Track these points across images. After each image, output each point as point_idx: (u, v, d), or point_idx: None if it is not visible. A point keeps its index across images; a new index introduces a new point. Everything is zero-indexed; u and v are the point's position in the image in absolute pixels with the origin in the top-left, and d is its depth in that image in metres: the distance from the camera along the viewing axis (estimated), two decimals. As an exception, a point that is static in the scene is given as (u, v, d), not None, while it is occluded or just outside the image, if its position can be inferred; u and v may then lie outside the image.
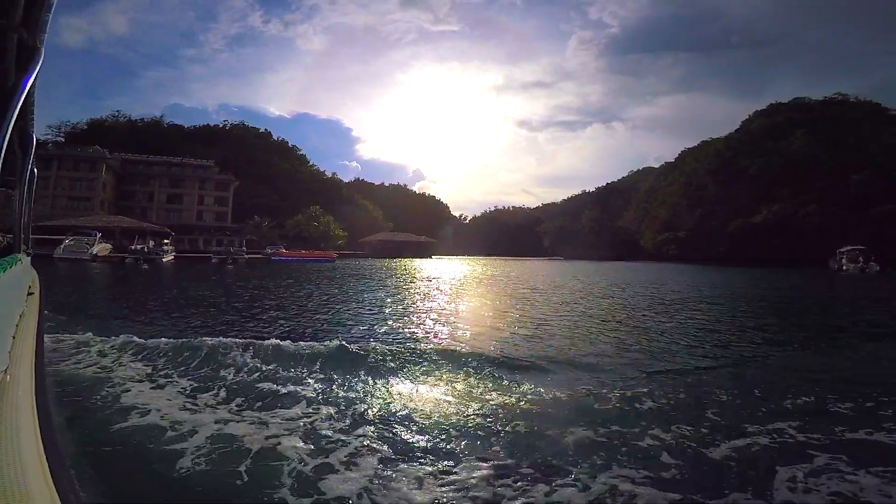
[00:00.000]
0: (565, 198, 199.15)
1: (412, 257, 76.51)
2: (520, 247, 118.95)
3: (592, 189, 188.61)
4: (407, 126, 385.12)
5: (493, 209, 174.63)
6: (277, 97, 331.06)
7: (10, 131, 1.82)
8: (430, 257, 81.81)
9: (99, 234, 42.03)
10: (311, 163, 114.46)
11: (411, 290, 19.93)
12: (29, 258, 5.03)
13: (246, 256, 44.37)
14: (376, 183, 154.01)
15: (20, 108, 1.87)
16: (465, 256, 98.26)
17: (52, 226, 46.10)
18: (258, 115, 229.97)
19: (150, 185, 72.16)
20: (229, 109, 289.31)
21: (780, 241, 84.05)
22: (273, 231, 72.12)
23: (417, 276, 31.00)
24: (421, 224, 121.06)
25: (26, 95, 1.90)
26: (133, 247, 39.88)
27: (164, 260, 39.22)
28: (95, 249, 39.23)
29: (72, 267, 31.64)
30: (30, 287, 3.68)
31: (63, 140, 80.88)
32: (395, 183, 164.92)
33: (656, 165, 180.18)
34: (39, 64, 1.97)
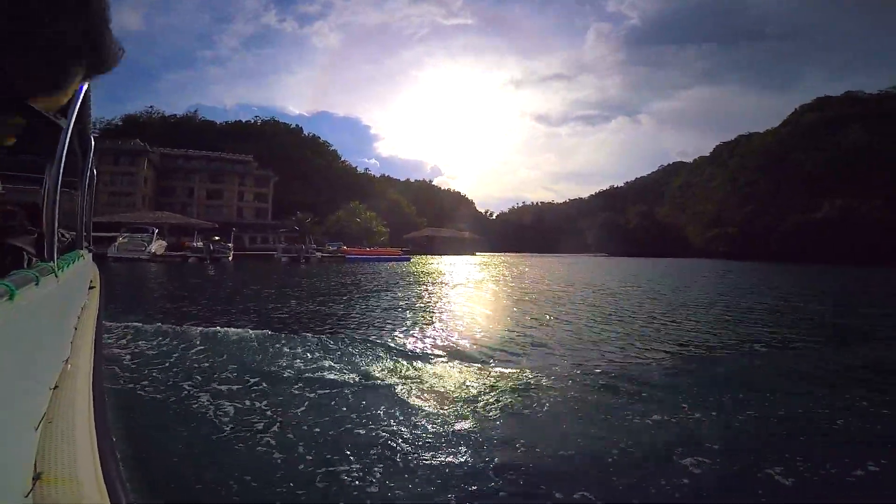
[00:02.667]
0: (591, 193, 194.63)
1: (456, 254, 73.44)
2: (557, 243, 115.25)
3: (621, 184, 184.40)
4: (424, 123, 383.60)
5: (520, 204, 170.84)
6: (296, 97, 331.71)
7: (69, 134, 1.92)
8: (475, 254, 78.62)
9: (156, 231, 38.92)
10: (342, 158, 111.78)
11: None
12: (90, 254, 5.25)
13: (319, 254, 41.09)
14: (401, 179, 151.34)
15: (78, 112, 1.94)
16: (508, 254, 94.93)
17: (101, 222, 43.80)
18: (279, 115, 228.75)
19: (191, 180, 69.60)
20: (250, 110, 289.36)
21: (842, 237, 79.75)
22: (316, 227, 69.31)
23: (521, 278, 27.78)
24: (448, 220, 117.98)
25: (83, 99, 1.98)
26: (194, 244, 37.01)
27: (228, 259, 36.22)
28: (153, 248, 36.09)
29: (130, 268, 28.36)
30: (91, 281, 3.94)
31: (98, 136, 78.83)
32: (420, 179, 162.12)
33: (679, 160, 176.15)
34: None
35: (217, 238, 45.27)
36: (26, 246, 1.97)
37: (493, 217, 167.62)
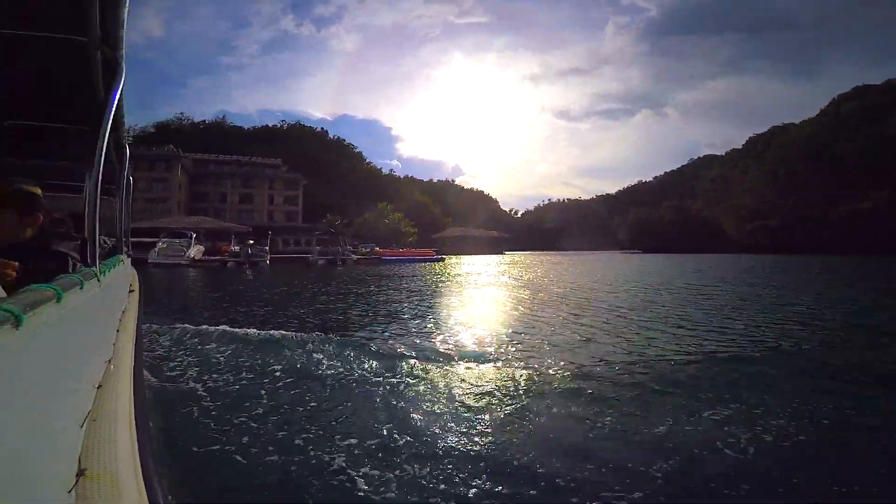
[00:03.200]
0: (618, 189, 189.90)
1: (485, 253, 72.11)
2: (587, 241, 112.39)
3: (649, 178, 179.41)
4: (443, 122, 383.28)
5: (545, 202, 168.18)
6: (316, 100, 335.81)
7: (106, 142, 1.99)
8: (503, 253, 77.18)
9: (194, 235, 38.90)
10: (367, 160, 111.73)
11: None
12: (129, 259, 5.47)
13: (354, 257, 40.50)
14: (424, 179, 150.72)
15: (112, 120, 2.04)
16: (537, 253, 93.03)
17: (139, 228, 44.17)
18: (302, 119, 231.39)
19: (223, 185, 70.17)
20: (272, 115, 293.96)
21: (893, 227, 75.32)
22: (345, 229, 69.00)
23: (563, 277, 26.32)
24: (472, 220, 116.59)
25: (116, 108, 2.07)
26: (233, 248, 36.72)
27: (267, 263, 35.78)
28: (192, 252, 35.80)
29: (170, 273, 27.73)
30: (130, 284, 4.17)
31: (132, 143, 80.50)
32: (443, 179, 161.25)
33: (709, 153, 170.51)
34: (123, 78, 2.11)
35: (251, 242, 45.22)
36: (71, 251, 2.05)
37: (518, 215, 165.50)
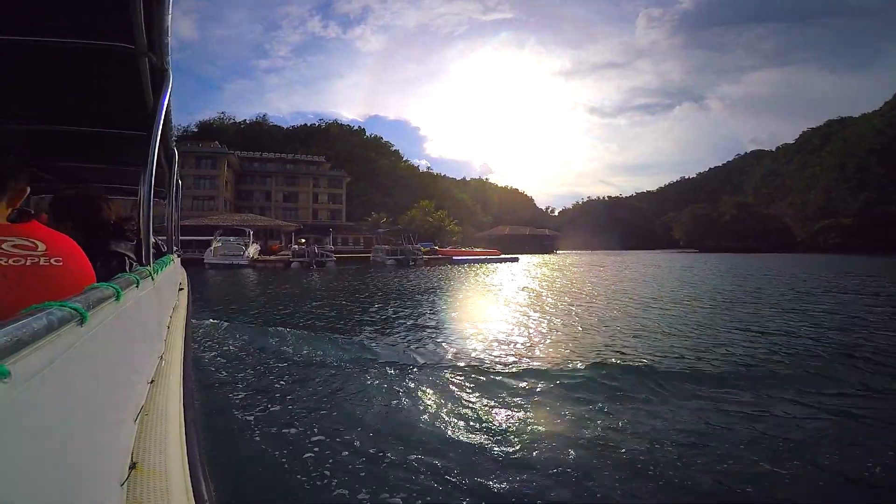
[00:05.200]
0: (659, 186, 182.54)
1: (536, 252, 68.53)
2: (635, 239, 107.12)
3: (693, 175, 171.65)
4: (470, 121, 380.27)
5: (584, 199, 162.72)
6: (347, 102, 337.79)
7: (157, 147, 2.09)
8: (555, 252, 73.43)
9: (251, 232, 36.52)
10: (405, 158, 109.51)
11: None
12: (179, 258, 5.45)
13: (424, 257, 37.16)
14: (458, 178, 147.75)
15: (162, 124, 2.11)
16: (588, 252, 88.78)
17: (190, 226, 42.63)
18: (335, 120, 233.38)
19: (267, 183, 68.70)
20: (305, 116, 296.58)
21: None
22: (391, 227, 66.63)
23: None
24: (510, 218, 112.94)
25: (165, 114, 2.14)
26: (294, 247, 34.25)
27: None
28: (251, 251, 33.06)
29: (231, 275, 24.69)
30: (180, 283, 4.20)
31: (176, 141, 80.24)
32: (477, 177, 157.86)
33: (756, 148, 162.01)
34: (170, 85, 2.17)
35: (303, 241, 42.91)
36: (128, 252, 2.11)
37: (555, 213, 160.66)
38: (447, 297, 14.66)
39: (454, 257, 39.84)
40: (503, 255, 45.02)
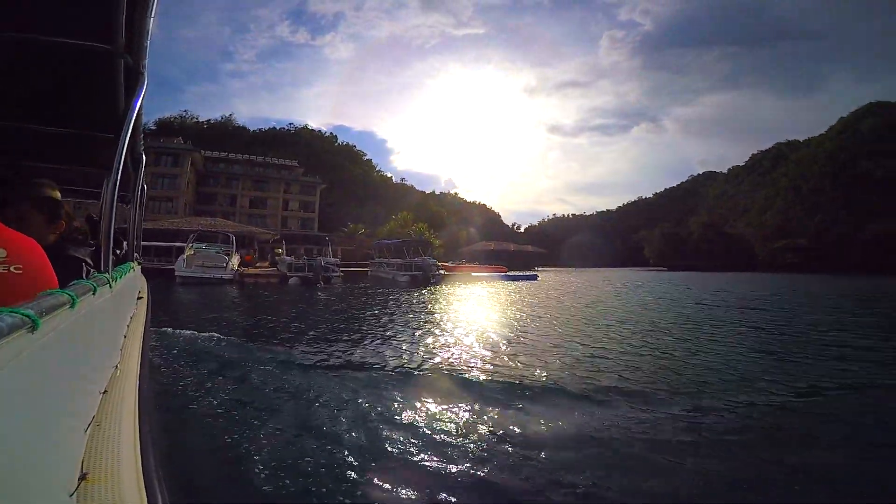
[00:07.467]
0: (618, 205, 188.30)
1: (520, 269, 66.62)
2: (600, 258, 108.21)
3: (650, 195, 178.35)
4: (437, 135, 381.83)
5: (550, 216, 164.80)
6: (313, 110, 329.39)
7: (125, 150, 2.03)
8: (535, 269, 71.95)
9: (234, 238, 29.92)
10: (378, 168, 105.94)
11: None
12: (139, 266, 5.30)
13: (443, 272, 31.53)
14: (427, 191, 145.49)
15: (132, 127, 2.06)
16: (563, 269, 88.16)
17: (153, 229, 37.31)
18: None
19: (233, 186, 62.81)
20: (270, 123, 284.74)
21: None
22: (368, 240, 62.59)
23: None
24: (484, 234, 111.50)
25: (136, 115, 2.10)
26: (289, 258, 28.60)
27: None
28: (235, 263, 26.72)
29: (209, 294, 18.21)
30: (139, 292, 4.06)
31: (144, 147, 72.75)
32: (444, 191, 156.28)
33: (708, 170, 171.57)
34: (145, 87, 2.13)
35: (280, 251, 37.86)
36: (85, 257, 2.03)
37: (521, 230, 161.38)
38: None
39: (472, 273, 36.21)
40: (518, 273, 41.78)
